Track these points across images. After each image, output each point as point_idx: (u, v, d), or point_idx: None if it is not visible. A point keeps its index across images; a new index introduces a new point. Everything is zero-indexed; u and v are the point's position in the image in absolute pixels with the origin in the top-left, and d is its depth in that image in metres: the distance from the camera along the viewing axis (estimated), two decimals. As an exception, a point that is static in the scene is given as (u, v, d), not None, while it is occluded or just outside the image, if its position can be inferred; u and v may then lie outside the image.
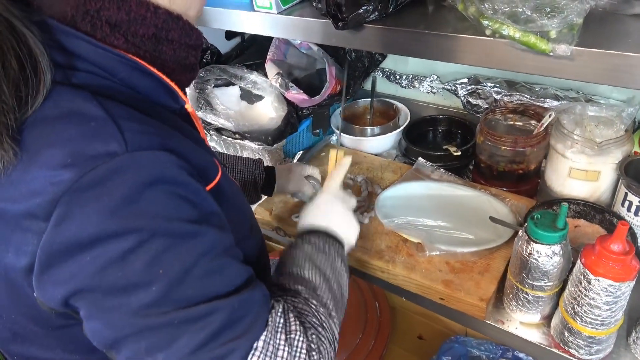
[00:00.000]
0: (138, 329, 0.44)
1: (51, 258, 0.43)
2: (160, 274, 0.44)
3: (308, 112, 1.20)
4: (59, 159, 0.42)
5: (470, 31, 0.64)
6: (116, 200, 0.42)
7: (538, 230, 0.70)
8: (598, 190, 0.92)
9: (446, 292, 0.84)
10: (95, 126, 0.43)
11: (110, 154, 0.42)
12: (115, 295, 0.43)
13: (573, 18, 0.56)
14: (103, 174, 0.42)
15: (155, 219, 0.44)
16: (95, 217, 0.42)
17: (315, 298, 0.59)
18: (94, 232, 0.42)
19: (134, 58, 0.48)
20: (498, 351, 1.34)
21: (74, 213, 0.41)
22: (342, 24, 0.71)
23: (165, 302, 0.44)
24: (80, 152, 0.42)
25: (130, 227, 0.43)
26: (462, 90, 1.24)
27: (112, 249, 0.42)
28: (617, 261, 0.64)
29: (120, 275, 0.43)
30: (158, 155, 0.44)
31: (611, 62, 0.55)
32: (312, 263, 0.63)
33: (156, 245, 0.44)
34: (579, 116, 0.93)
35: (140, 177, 0.43)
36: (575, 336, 0.72)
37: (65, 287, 0.43)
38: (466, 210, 0.98)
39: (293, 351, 0.50)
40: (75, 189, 0.41)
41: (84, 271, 0.43)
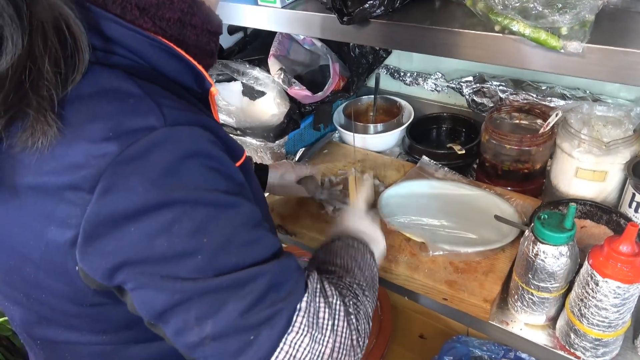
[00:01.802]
0: (188, 296, 0.45)
1: (97, 229, 0.43)
2: (205, 242, 0.45)
3: (310, 109, 1.19)
4: (102, 132, 0.43)
5: (478, 27, 0.63)
6: (158, 172, 0.43)
7: (545, 231, 0.69)
8: (605, 190, 0.91)
9: (450, 292, 0.83)
10: (133, 102, 0.45)
11: (149, 127, 0.43)
12: (162, 264, 0.45)
13: (585, 14, 0.55)
14: (144, 147, 0.43)
15: (196, 189, 0.45)
16: (139, 189, 0.43)
17: (349, 277, 0.61)
18: (139, 203, 0.43)
19: (163, 40, 0.49)
20: (500, 351, 1.33)
21: (118, 185, 0.42)
22: (348, 18, 0.70)
23: (212, 269, 0.46)
24: (121, 126, 0.43)
25: (174, 198, 0.44)
26: (467, 88, 1.22)
27: (157, 219, 0.44)
28: (626, 263, 0.63)
29: (166, 244, 0.44)
30: (194, 130, 0.46)
31: (624, 59, 0.53)
32: (346, 253, 0.65)
33: (199, 215, 0.45)
34: (586, 115, 0.92)
35: (179, 150, 0.44)
36: (581, 338, 0.71)
37: (112, 258, 0.44)
38: (470, 210, 0.96)
39: (333, 312, 0.53)
40: (119, 161, 0.42)
41: (131, 242, 0.44)
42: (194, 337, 0.46)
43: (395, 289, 0.90)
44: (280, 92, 1.16)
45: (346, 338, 0.53)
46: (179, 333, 0.47)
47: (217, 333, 0.46)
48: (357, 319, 0.55)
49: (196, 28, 0.53)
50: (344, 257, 0.64)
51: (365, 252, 0.68)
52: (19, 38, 0.41)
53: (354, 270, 0.62)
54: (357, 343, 0.55)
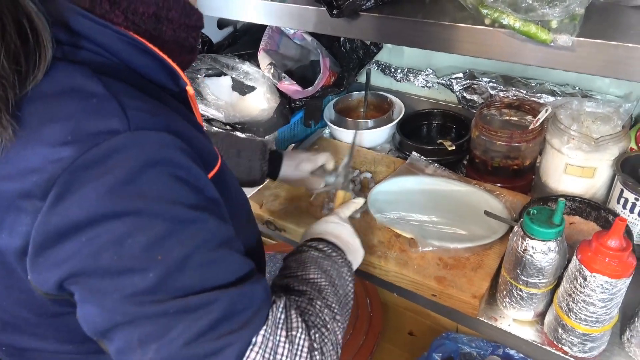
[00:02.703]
0: (131, 317, 0.42)
1: (46, 239, 0.41)
2: (159, 260, 0.42)
3: (301, 104, 1.18)
4: (59, 136, 0.40)
5: (469, 21, 0.62)
6: (116, 180, 0.40)
7: (534, 226, 0.68)
8: (594, 186, 0.91)
9: (439, 288, 0.82)
10: (96, 103, 0.42)
11: (111, 131, 0.41)
12: (109, 279, 0.41)
13: (575, 8, 0.54)
14: (104, 153, 0.40)
15: (156, 201, 0.42)
16: (93, 197, 0.40)
17: (320, 299, 0.56)
18: (92, 212, 0.40)
19: (134, 36, 0.47)
20: (489, 348, 1.33)
21: (71, 192, 0.40)
22: (337, 11, 0.69)
23: (162, 289, 0.42)
24: (81, 129, 0.40)
25: (130, 209, 0.41)
26: (457, 85, 1.22)
27: (109, 230, 0.40)
28: (614, 257, 0.63)
29: (116, 258, 0.41)
30: (161, 136, 0.43)
31: (613, 53, 0.53)
32: (319, 267, 0.61)
33: (156, 229, 0.42)
34: (575, 112, 0.92)
35: (142, 157, 0.41)
36: (569, 333, 0.71)
37: (59, 270, 0.41)
38: (460, 206, 0.96)
39: (294, 349, 0.48)
40: (75, 167, 0.39)
41: (79, 253, 0.41)
42: (136, 359, 0.43)
43: (384, 285, 0.90)
44: (270, 87, 1.15)
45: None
46: (121, 353, 0.43)
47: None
48: (322, 354, 0.50)
49: (173, 22, 0.50)
50: (317, 272, 0.60)
51: (343, 266, 0.65)
52: None
53: (326, 289, 0.58)
54: None
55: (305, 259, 0.63)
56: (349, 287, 0.64)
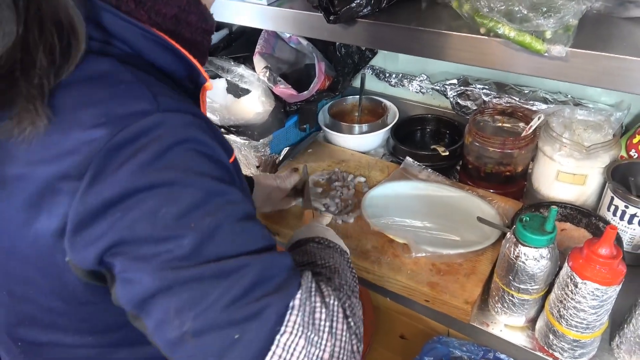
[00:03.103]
0: (169, 283, 0.43)
1: (85, 217, 0.42)
2: (192, 227, 0.43)
3: (296, 108, 1.18)
4: (92, 119, 0.42)
5: (464, 29, 0.63)
6: (147, 158, 0.42)
7: (526, 233, 0.69)
8: (584, 194, 0.92)
9: (431, 294, 0.83)
10: (125, 88, 0.44)
11: (142, 112, 0.43)
12: (146, 247, 0.43)
13: (569, 19, 0.55)
14: (135, 133, 0.42)
15: (186, 173, 0.44)
16: (127, 175, 0.42)
17: (337, 279, 0.57)
18: (125, 188, 0.42)
19: (159, 33, 0.49)
20: (480, 352, 1.34)
21: (106, 171, 0.42)
22: (334, 17, 0.70)
23: (196, 256, 0.43)
24: (113, 111, 0.43)
25: (161, 181, 0.43)
26: (451, 91, 1.23)
27: (143, 202, 0.42)
28: (604, 265, 0.63)
29: (151, 228, 0.42)
30: (186, 117, 0.45)
31: (606, 64, 0.54)
32: (322, 257, 0.62)
33: (187, 199, 0.43)
34: (567, 119, 0.93)
35: (170, 135, 0.43)
36: (559, 339, 0.72)
37: (98, 245, 0.43)
38: (453, 212, 0.97)
39: (331, 313, 0.48)
40: (109, 147, 0.41)
41: (115, 226, 0.42)
42: (174, 331, 0.43)
43: (377, 290, 0.90)
44: (265, 91, 1.15)
45: (346, 342, 0.48)
46: (159, 326, 0.43)
47: (197, 328, 0.42)
48: (354, 323, 0.51)
49: (191, 26, 0.53)
50: (325, 258, 0.61)
51: (342, 254, 0.66)
52: (12, 26, 0.40)
53: (339, 271, 0.59)
54: (357, 349, 0.50)
55: (308, 250, 0.64)
56: (353, 272, 0.64)
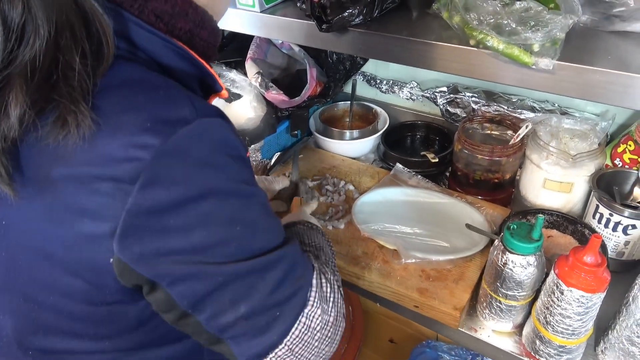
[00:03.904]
0: (224, 280, 0.48)
1: (138, 220, 0.44)
2: (238, 230, 0.49)
3: (287, 113, 1.19)
4: (139, 123, 0.43)
5: (454, 40, 0.64)
6: (196, 164, 0.45)
7: (514, 241, 0.70)
8: (571, 201, 0.94)
9: (421, 299, 0.84)
10: (163, 94, 0.46)
11: (185, 119, 0.45)
12: (203, 253, 0.47)
13: (556, 32, 0.57)
14: (182, 140, 0.44)
15: (228, 181, 0.48)
16: (180, 181, 0.44)
17: (323, 256, 0.68)
18: (180, 194, 0.44)
19: (179, 43, 0.52)
20: (468, 356, 1.35)
21: (160, 177, 0.43)
22: (327, 26, 0.70)
23: (243, 254, 0.49)
24: (158, 117, 0.44)
25: (210, 190, 0.46)
26: (441, 98, 1.25)
27: (196, 210, 0.45)
28: (589, 273, 0.65)
29: (205, 234, 0.47)
30: (220, 122, 0.48)
31: (591, 78, 0.55)
32: (309, 236, 0.72)
33: (231, 205, 0.48)
34: (554, 128, 0.95)
35: (212, 142, 0.46)
36: (546, 345, 0.73)
37: (153, 248, 0.45)
38: (442, 218, 0.98)
39: (332, 286, 0.60)
40: (160, 153, 0.43)
41: (171, 232, 0.45)
42: (229, 318, 0.50)
43: (367, 296, 0.91)
44: (257, 96, 1.15)
45: (341, 307, 0.60)
46: (214, 317, 0.50)
47: (249, 313, 0.50)
48: (341, 292, 0.62)
49: (202, 41, 0.55)
50: (311, 238, 0.71)
51: (324, 235, 0.76)
52: (43, 29, 0.42)
53: (323, 249, 0.69)
54: (344, 312, 0.61)
55: (297, 231, 0.74)
56: (333, 249, 0.75)
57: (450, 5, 0.65)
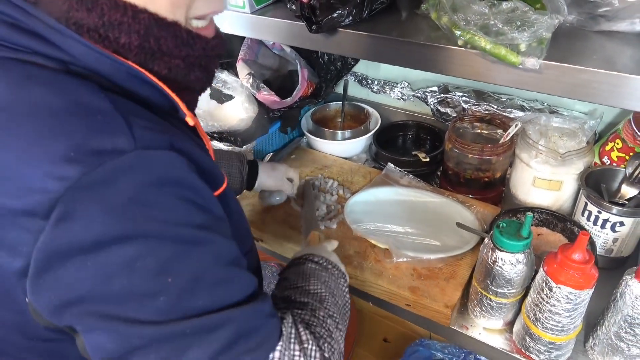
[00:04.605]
0: (146, 341, 0.41)
1: (49, 260, 0.39)
2: (169, 282, 0.41)
3: (279, 114, 1.19)
4: (62, 152, 0.38)
5: (442, 40, 0.65)
6: (123, 202, 0.39)
7: (503, 239, 0.71)
8: (560, 199, 0.95)
9: (412, 298, 0.84)
10: (102, 120, 0.40)
11: (118, 150, 0.39)
12: (121, 306, 0.40)
13: (542, 32, 0.57)
14: (110, 172, 0.39)
15: (164, 223, 0.41)
16: (99, 219, 0.38)
17: (322, 310, 0.58)
18: (98, 234, 0.39)
19: (129, 63, 0.44)
20: (461, 354, 1.36)
21: (76, 212, 0.38)
22: (316, 27, 0.71)
23: (175, 311, 0.42)
24: (86, 146, 0.39)
25: (138, 231, 0.40)
26: (431, 98, 1.25)
27: (117, 254, 0.39)
28: (577, 270, 0.66)
29: (126, 283, 0.40)
30: (168, 155, 0.42)
31: (578, 77, 0.56)
32: (318, 279, 0.63)
33: (165, 252, 0.41)
34: (543, 127, 0.96)
35: (148, 177, 0.40)
36: (536, 341, 0.74)
37: (63, 294, 0.40)
38: (433, 217, 0.99)
39: (312, 357, 0.50)
40: (79, 186, 0.38)
41: (86, 278, 0.39)
42: None
43: (359, 295, 0.91)
44: (248, 97, 1.15)
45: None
46: None
47: None
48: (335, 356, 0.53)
49: (167, 55, 0.46)
50: (316, 284, 0.62)
51: (339, 278, 0.67)
52: None
53: (327, 300, 0.60)
54: None
55: (304, 271, 0.64)
56: (346, 297, 0.65)
57: (438, 6, 0.65)
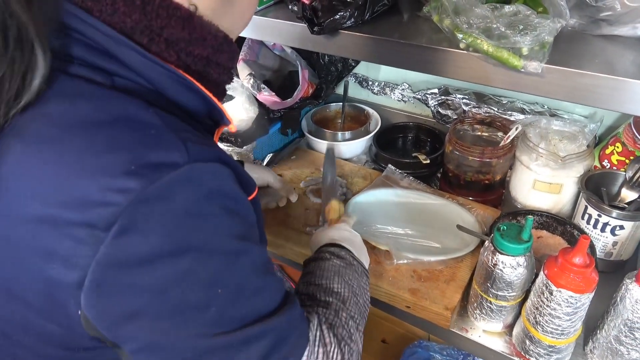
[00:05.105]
0: (198, 353, 0.43)
1: (108, 272, 0.40)
2: (219, 293, 0.43)
3: (279, 115, 1.19)
4: (121, 165, 0.39)
5: (444, 43, 0.65)
6: (179, 215, 0.40)
7: (504, 242, 0.71)
8: (560, 202, 0.95)
9: (412, 300, 0.84)
10: (155, 134, 0.42)
11: (173, 164, 0.40)
12: (175, 317, 0.42)
13: (545, 36, 0.57)
14: (167, 186, 0.40)
15: (214, 236, 0.43)
16: (158, 232, 0.40)
17: (345, 311, 0.60)
18: (156, 247, 0.40)
19: (184, 74, 0.47)
20: (460, 356, 1.36)
21: (136, 226, 0.39)
22: (318, 28, 0.71)
23: (223, 323, 0.44)
24: (143, 159, 0.40)
25: (191, 244, 0.41)
26: (432, 100, 1.25)
27: (172, 267, 0.41)
28: (578, 273, 0.66)
29: (180, 296, 0.41)
30: (216, 168, 0.44)
31: (579, 81, 0.56)
32: (341, 277, 0.65)
33: (215, 264, 0.43)
34: (544, 130, 0.96)
35: (201, 190, 0.42)
36: (536, 345, 0.74)
37: (120, 308, 0.41)
38: (434, 219, 0.99)
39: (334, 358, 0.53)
40: (140, 199, 0.39)
41: (142, 291, 0.40)
42: None
43: (359, 297, 0.91)
44: (249, 97, 1.15)
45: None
46: None
47: None
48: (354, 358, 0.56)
49: (220, 66, 0.51)
50: (340, 283, 0.63)
51: (362, 275, 0.69)
52: None
53: (349, 300, 0.62)
54: None
55: (329, 268, 0.66)
56: (366, 295, 0.67)
57: (440, 8, 0.65)
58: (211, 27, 0.48)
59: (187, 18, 0.46)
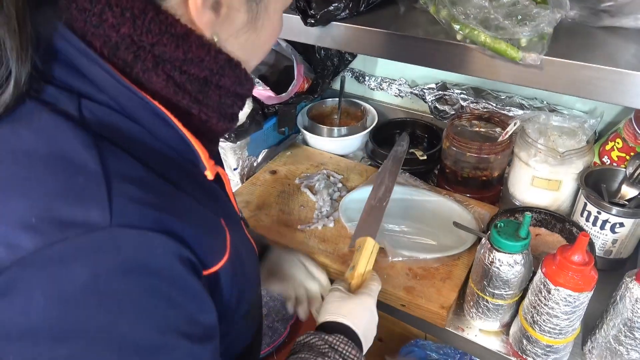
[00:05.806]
0: None
1: None
2: None
3: (274, 110, 1.17)
4: (22, 215, 0.33)
5: (441, 35, 0.63)
6: (75, 290, 0.33)
7: (501, 239, 0.69)
8: (559, 199, 0.93)
9: (407, 298, 0.83)
10: (82, 183, 0.35)
11: (87, 224, 0.33)
12: None
13: (544, 27, 0.56)
14: (69, 251, 0.33)
15: (120, 322, 0.34)
16: (40, 305, 0.32)
17: None
18: (34, 322, 0.32)
19: (156, 104, 0.41)
20: (456, 355, 1.35)
21: (18, 290, 0.32)
22: (312, 20, 0.69)
23: None
24: (51, 213, 0.33)
25: (79, 329, 0.33)
26: (429, 95, 1.24)
27: (48, 352, 0.32)
28: (576, 272, 0.64)
29: None
30: (149, 238, 0.35)
31: (579, 73, 0.54)
32: None
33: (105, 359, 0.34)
34: (543, 126, 0.94)
35: (113, 262, 0.34)
36: (533, 344, 0.73)
37: None
38: (430, 216, 0.97)
39: None
40: (31, 261, 0.32)
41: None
42: None
43: (354, 295, 0.90)
44: (243, 92, 1.13)
45: None
46: None
47: None
48: None
49: (222, 89, 0.45)
50: None
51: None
52: None
53: None
54: None
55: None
56: None
57: (437, -1, 0.63)
58: (211, 48, 0.42)
59: (182, 36, 0.40)
